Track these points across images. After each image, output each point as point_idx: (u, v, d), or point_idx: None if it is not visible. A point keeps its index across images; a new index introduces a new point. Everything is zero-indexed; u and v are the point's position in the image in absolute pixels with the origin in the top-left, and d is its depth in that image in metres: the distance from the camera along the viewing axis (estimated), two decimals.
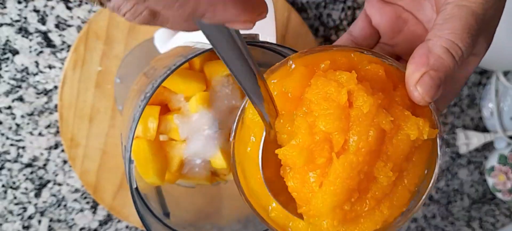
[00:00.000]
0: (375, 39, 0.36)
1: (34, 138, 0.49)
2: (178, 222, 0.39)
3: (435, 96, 0.27)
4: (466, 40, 0.27)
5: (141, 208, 0.34)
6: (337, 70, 0.27)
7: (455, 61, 0.27)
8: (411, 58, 0.27)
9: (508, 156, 0.70)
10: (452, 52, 0.27)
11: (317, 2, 0.55)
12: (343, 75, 0.26)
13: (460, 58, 0.27)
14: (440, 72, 0.26)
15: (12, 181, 0.49)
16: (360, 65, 0.28)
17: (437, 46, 0.27)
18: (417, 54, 0.27)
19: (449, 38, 0.27)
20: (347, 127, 0.26)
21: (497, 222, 0.72)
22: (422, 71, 0.26)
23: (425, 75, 0.26)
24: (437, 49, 0.27)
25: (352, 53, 0.29)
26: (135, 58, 0.49)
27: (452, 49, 0.27)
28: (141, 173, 0.38)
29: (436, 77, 0.26)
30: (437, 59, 0.26)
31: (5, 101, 0.47)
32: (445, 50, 0.27)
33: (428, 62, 0.26)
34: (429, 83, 0.26)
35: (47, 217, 0.51)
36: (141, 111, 0.30)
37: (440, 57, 0.26)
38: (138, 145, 0.37)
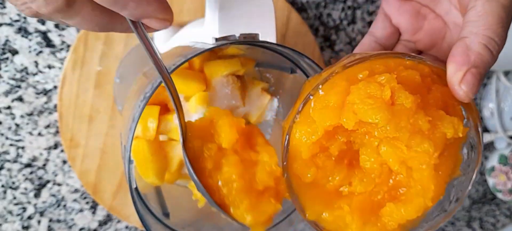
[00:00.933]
0: (396, 37, 0.38)
1: (33, 138, 0.49)
2: (178, 222, 0.39)
3: (477, 92, 0.28)
4: (501, 34, 0.28)
5: (141, 208, 0.34)
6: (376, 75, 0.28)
7: (492, 55, 0.28)
8: (451, 57, 0.28)
9: (508, 156, 0.70)
10: (489, 48, 0.28)
11: (317, 2, 0.55)
12: (382, 77, 0.27)
13: (497, 51, 0.28)
14: (481, 68, 0.28)
15: (12, 181, 0.49)
16: (396, 71, 0.29)
17: (475, 43, 0.28)
18: (457, 52, 0.28)
19: (485, 34, 0.28)
20: (393, 119, 0.27)
21: (497, 222, 0.72)
22: (464, 69, 0.27)
23: (467, 73, 0.27)
24: (476, 46, 0.28)
25: (389, 60, 0.29)
26: (134, 58, 0.49)
27: (490, 44, 0.28)
28: (141, 173, 0.38)
29: (478, 74, 0.27)
30: (477, 56, 0.28)
31: (4, 101, 0.47)
32: (483, 46, 0.28)
33: (469, 60, 0.27)
34: (472, 81, 0.27)
35: (46, 217, 0.51)
36: (141, 111, 0.30)
37: (480, 53, 0.28)
38: (138, 145, 0.37)
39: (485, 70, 0.28)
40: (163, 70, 0.27)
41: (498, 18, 0.28)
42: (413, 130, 0.27)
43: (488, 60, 0.28)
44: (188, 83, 0.38)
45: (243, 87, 0.42)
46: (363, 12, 0.58)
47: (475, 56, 0.28)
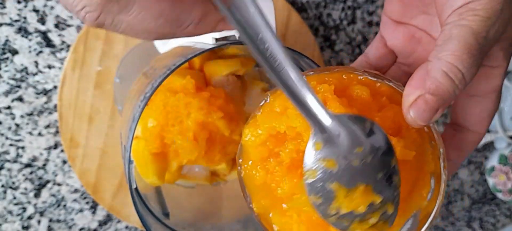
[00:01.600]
0: (391, 59, 0.36)
1: (33, 138, 0.49)
2: (178, 222, 0.39)
3: (430, 120, 0.26)
4: (467, 61, 0.25)
5: (141, 208, 0.34)
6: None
7: (454, 85, 0.25)
8: (409, 80, 0.27)
9: (508, 156, 0.70)
10: (451, 76, 0.25)
11: (317, 2, 0.55)
12: (321, 87, 0.27)
13: (460, 80, 0.25)
14: (437, 97, 0.25)
15: (12, 181, 0.49)
16: (350, 86, 0.28)
17: (435, 69, 0.26)
18: (415, 76, 0.26)
19: (448, 61, 0.25)
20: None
21: (497, 222, 0.72)
22: (416, 94, 0.26)
23: (419, 98, 0.26)
24: (435, 72, 0.25)
25: (343, 74, 0.29)
26: (134, 58, 0.49)
27: (451, 72, 0.25)
28: (141, 173, 0.38)
29: (432, 101, 0.25)
30: (434, 83, 0.25)
31: (4, 101, 0.47)
32: (443, 73, 0.25)
33: (424, 86, 0.26)
34: (423, 107, 0.25)
35: (46, 217, 0.51)
36: (141, 111, 0.30)
37: (437, 80, 0.25)
38: (138, 145, 0.37)
39: (443, 99, 0.26)
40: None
41: (465, 45, 0.25)
42: None
43: (447, 89, 0.25)
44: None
45: (243, 87, 0.42)
46: (363, 12, 0.58)
47: (431, 82, 0.25)
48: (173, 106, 0.35)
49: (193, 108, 0.35)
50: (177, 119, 0.35)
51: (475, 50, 0.26)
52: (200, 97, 0.36)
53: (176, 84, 0.36)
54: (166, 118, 0.35)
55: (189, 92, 0.36)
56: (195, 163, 0.38)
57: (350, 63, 0.60)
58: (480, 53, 0.26)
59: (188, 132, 0.35)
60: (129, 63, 0.49)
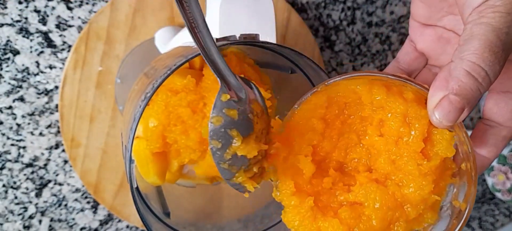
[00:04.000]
0: (422, 63, 0.36)
1: (34, 137, 0.49)
2: (179, 221, 0.39)
3: (456, 120, 0.26)
4: (489, 59, 0.25)
5: (142, 207, 0.34)
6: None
7: (478, 83, 0.26)
8: (433, 81, 0.27)
9: (507, 156, 0.71)
10: (474, 75, 0.25)
11: (317, 3, 0.56)
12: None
13: (484, 78, 0.26)
14: (462, 96, 0.26)
15: (13, 181, 0.49)
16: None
17: (458, 69, 0.26)
18: (439, 77, 0.27)
19: (470, 60, 0.25)
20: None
21: (496, 222, 0.72)
22: (441, 95, 0.26)
23: (443, 99, 0.26)
24: (458, 72, 0.26)
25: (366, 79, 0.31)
26: (135, 59, 0.49)
27: (474, 71, 0.25)
28: (142, 172, 0.38)
29: (456, 102, 0.26)
30: (457, 83, 0.26)
31: (6, 101, 0.48)
32: (465, 73, 0.26)
33: (447, 86, 0.26)
34: (448, 108, 0.26)
35: (47, 217, 0.51)
36: (142, 111, 0.30)
37: (460, 80, 0.26)
38: (139, 144, 0.37)
39: (468, 99, 0.26)
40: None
41: (486, 42, 0.25)
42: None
43: (471, 88, 0.25)
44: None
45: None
46: (363, 13, 0.58)
47: (454, 82, 0.26)
48: (175, 106, 0.35)
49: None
50: (179, 118, 0.36)
51: (497, 47, 0.25)
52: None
53: (177, 85, 0.36)
54: (167, 118, 0.35)
55: (190, 91, 0.36)
56: (197, 163, 0.38)
57: (350, 64, 0.60)
58: (503, 50, 0.26)
59: (191, 131, 0.35)
60: (130, 64, 0.49)
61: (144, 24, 0.48)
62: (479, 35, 0.26)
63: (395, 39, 0.61)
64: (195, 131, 0.36)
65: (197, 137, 0.36)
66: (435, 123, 0.27)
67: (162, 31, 0.48)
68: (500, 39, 0.26)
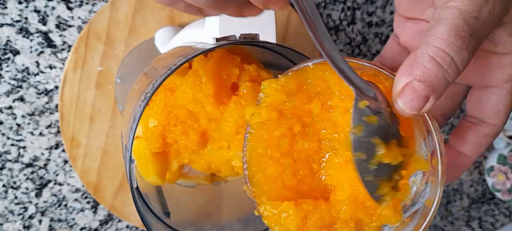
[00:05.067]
0: (406, 57, 0.36)
1: (34, 137, 0.49)
2: (179, 221, 0.39)
3: (419, 109, 0.25)
4: (455, 44, 0.24)
5: (142, 207, 0.34)
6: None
7: (443, 69, 0.24)
8: (399, 68, 0.26)
9: (507, 155, 0.71)
10: (438, 60, 0.24)
11: (317, 3, 0.56)
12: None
13: (449, 65, 0.24)
14: (426, 84, 0.24)
15: (13, 181, 0.49)
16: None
17: (423, 54, 0.24)
18: (404, 63, 0.25)
19: (435, 45, 0.24)
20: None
21: (496, 222, 0.72)
22: (404, 82, 0.25)
23: (407, 86, 0.24)
24: (422, 58, 0.24)
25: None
26: (135, 59, 0.49)
27: (439, 57, 0.24)
28: (142, 172, 0.38)
29: (420, 89, 0.24)
30: (420, 69, 0.24)
31: (6, 102, 0.48)
32: (430, 58, 0.24)
33: (411, 72, 0.24)
34: (410, 95, 0.24)
35: (47, 217, 0.51)
36: (142, 111, 0.30)
37: (424, 66, 0.24)
38: (139, 144, 0.37)
39: (433, 87, 0.24)
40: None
41: (452, 26, 0.24)
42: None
43: (435, 75, 0.24)
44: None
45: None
46: (362, 13, 0.58)
47: (418, 68, 0.24)
48: (174, 106, 0.35)
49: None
50: (178, 119, 0.36)
51: (464, 32, 0.24)
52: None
53: (177, 85, 0.36)
54: (167, 118, 0.35)
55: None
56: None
57: None
58: (472, 35, 0.24)
59: (191, 132, 0.35)
60: (130, 64, 0.49)
61: (144, 24, 0.48)
62: (446, 19, 0.25)
63: None
64: (195, 131, 0.36)
65: (196, 137, 0.36)
66: (398, 111, 0.25)
67: (162, 31, 0.48)
68: (468, 23, 0.24)
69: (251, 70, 0.36)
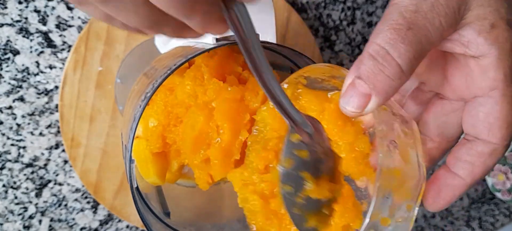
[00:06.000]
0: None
1: (34, 137, 0.49)
2: (179, 221, 0.39)
3: (361, 107, 0.24)
4: (389, 37, 0.23)
5: (142, 207, 0.34)
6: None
7: (379, 64, 0.23)
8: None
9: (507, 156, 0.71)
10: (374, 55, 0.23)
11: (317, 3, 0.56)
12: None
13: (384, 58, 0.23)
14: (364, 80, 0.23)
15: (13, 181, 0.49)
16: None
17: (364, 52, 0.24)
18: (354, 63, 0.25)
19: (373, 41, 0.24)
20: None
21: (496, 222, 0.72)
22: (348, 81, 0.24)
23: (350, 84, 0.24)
24: (363, 55, 0.24)
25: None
26: (135, 59, 0.49)
27: (375, 51, 0.23)
28: (142, 172, 0.38)
29: (359, 85, 0.23)
30: (360, 66, 0.24)
31: (6, 101, 0.48)
32: (368, 55, 0.24)
33: (352, 69, 0.24)
34: (350, 92, 0.24)
35: (47, 217, 0.51)
36: (142, 111, 0.30)
37: (363, 63, 0.24)
38: (139, 144, 0.37)
39: (373, 84, 0.23)
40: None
41: (388, 21, 0.24)
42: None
43: (372, 71, 0.23)
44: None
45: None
46: (362, 13, 0.58)
47: (358, 65, 0.24)
48: (174, 105, 0.35)
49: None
50: (178, 118, 0.36)
51: (399, 25, 0.23)
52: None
53: (177, 84, 0.36)
54: (167, 118, 0.35)
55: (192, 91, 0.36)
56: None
57: (350, 64, 0.60)
58: (410, 28, 0.23)
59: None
60: (130, 64, 0.49)
61: None
62: (384, 16, 0.24)
63: None
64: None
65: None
66: (342, 110, 0.24)
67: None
68: (404, 16, 0.23)
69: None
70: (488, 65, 0.25)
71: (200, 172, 0.35)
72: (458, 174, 0.27)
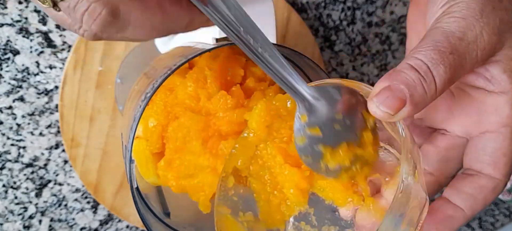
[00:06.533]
0: None
1: (34, 137, 0.49)
2: (179, 221, 0.39)
3: (395, 109, 0.24)
4: (432, 56, 0.24)
5: (142, 207, 0.34)
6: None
7: (419, 75, 0.24)
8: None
9: None
10: (415, 67, 0.24)
11: (317, 3, 0.56)
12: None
13: (426, 72, 0.24)
14: (402, 84, 0.24)
15: (13, 181, 0.49)
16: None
17: (403, 64, 0.25)
18: (386, 74, 0.25)
19: (414, 56, 0.25)
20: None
21: (496, 222, 0.73)
22: (382, 86, 0.25)
23: (384, 88, 0.24)
24: (402, 66, 0.25)
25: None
26: (135, 59, 0.49)
27: (416, 65, 0.24)
28: (142, 172, 0.38)
29: (395, 88, 0.24)
30: (399, 74, 0.24)
31: (6, 102, 0.48)
32: (408, 66, 0.24)
33: (390, 79, 0.24)
34: (386, 94, 0.24)
35: (47, 217, 0.51)
36: (142, 111, 0.30)
37: (402, 71, 0.24)
38: (139, 145, 0.37)
39: (409, 89, 0.24)
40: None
41: (433, 42, 0.25)
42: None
43: (412, 79, 0.24)
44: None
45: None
46: (362, 13, 0.58)
47: (397, 74, 0.24)
48: (174, 105, 0.35)
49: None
50: (176, 119, 0.36)
51: (444, 48, 0.24)
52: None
53: (177, 84, 0.36)
54: (167, 118, 0.35)
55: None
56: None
57: (350, 64, 0.60)
58: (452, 53, 0.24)
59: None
60: (130, 64, 0.49)
61: None
62: (428, 37, 0.25)
63: (395, 39, 0.61)
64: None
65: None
66: (372, 110, 0.25)
67: None
68: (450, 41, 0.25)
69: (258, 72, 0.36)
70: (505, 103, 0.27)
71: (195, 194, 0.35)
72: (459, 206, 0.28)
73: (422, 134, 0.32)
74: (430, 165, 0.30)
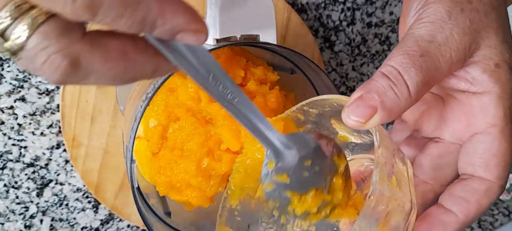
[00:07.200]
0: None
1: (36, 137, 0.49)
2: (179, 221, 0.39)
3: (366, 117, 0.24)
4: (402, 61, 0.25)
5: (143, 207, 0.34)
6: None
7: (390, 81, 0.25)
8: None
9: None
10: (386, 74, 0.25)
11: (317, 3, 0.56)
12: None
13: (396, 77, 0.25)
14: (372, 93, 0.25)
15: (14, 181, 0.50)
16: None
17: (376, 73, 0.26)
18: (362, 84, 0.26)
19: (386, 63, 0.26)
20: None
21: (495, 221, 0.73)
22: (355, 96, 0.25)
23: (357, 98, 0.25)
24: (375, 75, 0.25)
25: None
26: None
27: (387, 71, 0.25)
28: (143, 172, 0.38)
29: (367, 97, 0.25)
30: (369, 82, 0.25)
31: (7, 101, 0.48)
32: (380, 74, 0.25)
33: (362, 87, 0.25)
34: (357, 102, 0.25)
35: (49, 217, 0.52)
36: (143, 111, 0.30)
37: (374, 80, 0.25)
38: (140, 145, 0.37)
39: (380, 97, 0.24)
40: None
41: (403, 47, 0.25)
42: None
43: (382, 86, 0.25)
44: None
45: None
46: (362, 13, 0.58)
47: (369, 83, 0.25)
48: (175, 106, 0.36)
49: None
50: (177, 120, 0.36)
51: (414, 51, 0.25)
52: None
53: (178, 84, 0.36)
54: (168, 118, 0.36)
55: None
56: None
57: (350, 64, 0.60)
58: (423, 55, 0.25)
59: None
60: None
61: None
62: (400, 44, 0.26)
63: (395, 40, 0.61)
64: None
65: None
66: (344, 119, 0.25)
67: None
68: (419, 44, 0.25)
69: (258, 73, 0.36)
70: (489, 102, 0.27)
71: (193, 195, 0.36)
72: (451, 210, 0.27)
73: (418, 145, 0.32)
74: (424, 173, 0.30)
